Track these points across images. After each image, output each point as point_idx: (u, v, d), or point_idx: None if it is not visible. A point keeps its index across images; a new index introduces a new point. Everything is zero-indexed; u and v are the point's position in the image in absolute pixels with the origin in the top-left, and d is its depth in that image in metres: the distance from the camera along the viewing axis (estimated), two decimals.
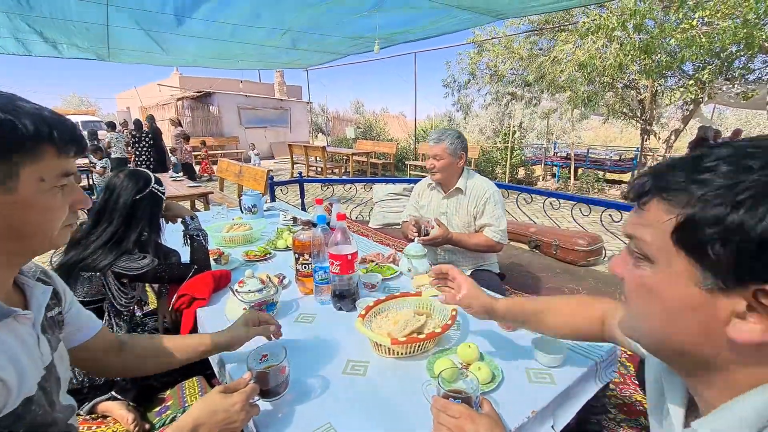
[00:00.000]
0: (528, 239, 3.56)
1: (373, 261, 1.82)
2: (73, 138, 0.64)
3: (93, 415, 1.31)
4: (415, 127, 11.70)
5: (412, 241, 1.82)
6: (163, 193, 1.56)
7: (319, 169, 10.34)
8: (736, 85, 7.11)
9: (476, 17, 4.58)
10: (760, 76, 7.10)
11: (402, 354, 1.09)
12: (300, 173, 4.86)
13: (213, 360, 1.25)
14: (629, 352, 1.91)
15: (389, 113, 23.85)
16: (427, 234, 1.88)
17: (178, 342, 1.05)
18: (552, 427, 0.95)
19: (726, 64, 6.77)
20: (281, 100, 17.03)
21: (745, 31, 4.82)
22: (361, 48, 6.06)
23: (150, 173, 1.54)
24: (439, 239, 1.89)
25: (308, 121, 17.21)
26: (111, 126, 8.65)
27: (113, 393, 1.33)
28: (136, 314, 1.69)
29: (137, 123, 8.08)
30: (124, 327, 1.48)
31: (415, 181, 2.53)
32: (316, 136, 19.78)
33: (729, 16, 5.09)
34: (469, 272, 2.13)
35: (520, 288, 2.70)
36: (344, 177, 9.54)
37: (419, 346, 1.09)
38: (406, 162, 10.64)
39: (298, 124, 17.15)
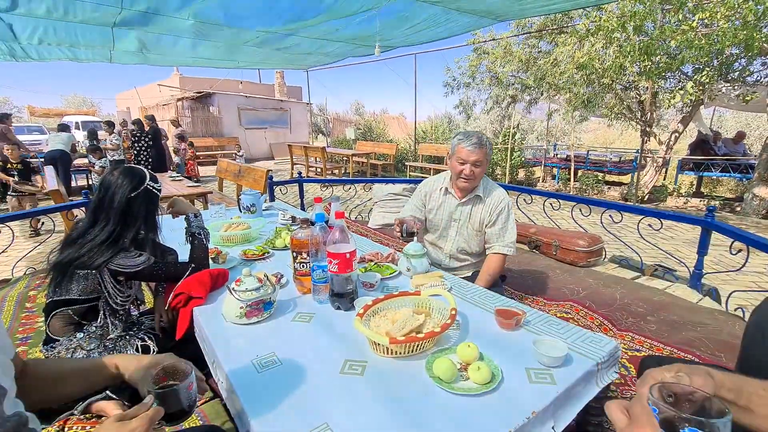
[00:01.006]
0: (528, 240, 3.54)
1: (372, 260, 1.80)
2: None
3: (87, 415, 1.29)
4: (415, 128, 11.69)
5: (409, 240, 1.80)
6: (159, 190, 1.55)
7: (319, 169, 10.33)
8: (735, 87, 7.11)
9: (476, 20, 4.58)
10: (759, 78, 7.09)
11: (400, 353, 1.07)
12: (299, 173, 4.85)
13: (209, 360, 1.23)
14: (630, 353, 1.90)
15: (389, 114, 23.89)
16: (411, 234, 1.77)
17: (78, 365, 0.93)
18: (552, 428, 0.93)
19: (725, 66, 6.77)
20: (281, 101, 17.03)
21: (744, 32, 4.82)
22: (362, 51, 6.08)
23: (144, 170, 1.52)
24: None
25: (308, 122, 17.21)
26: (110, 125, 8.55)
27: (108, 392, 1.32)
28: (133, 313, 1.68)
29: (138, 122, 8.03)
30: (119, 326, 1.46)
31: (416, 182, 2.50)
32: (316, 137, 19.78)
33: (728, 18, 5.08)
34: (470, 274, 2.12)
35: (520, 289, 2.69)
36: (344, 177, 9.53)
37: (418, 345, 1.07)
38: (406, 163, 10.64)
39: (298, 125, 17.15)
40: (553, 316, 1.33)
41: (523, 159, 10.65)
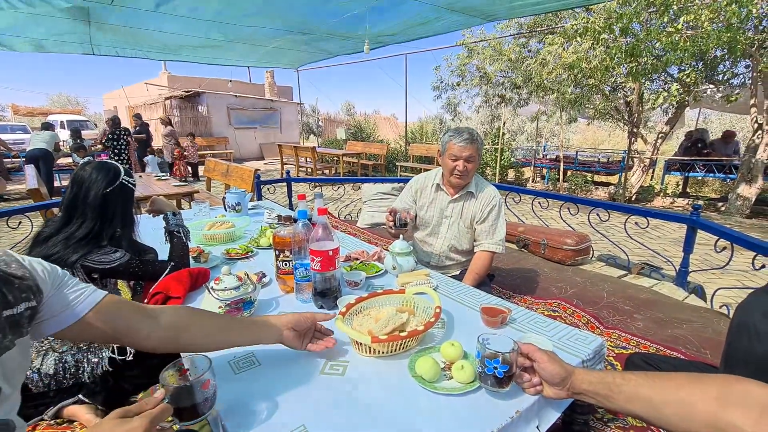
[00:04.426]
0: (516, 239, 3.55)
1: (357, 259, 1.77)
2: None
3: (58, 420, 1.24)
4: (406, 128, 11.70)
5: (401, 230, 1.78)
6: (134, 185, 1.51)
7: (309, 170, 10.27)
8: (720, 89, 7.23)
9: (466, 19, 4.59)
10: (743, 80, 7.22)
11: (383, 353, 1.04)
12: (288, 172, 4.80)
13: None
14: (617, 351, 1.90)
15: (381, 115, 23.89)
16: (404, 225, 1.77)
17: (226, 322, 1.00)
18: (537, 427, 0.91)
19: (710, 67, 6.89)
20: (272, 100, 16.91)
21: (728, 35, 4.90)
22: (351, 48, 6.04)
23: (119, 165, 1.48)
24: None
25: (299, 122, 17.12)
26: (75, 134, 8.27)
27: (80, 396, 1.27)
28: None
29: (114, 120, 7.75)
30: None
31: (404, 181, 2.47)
32: (307, 138, 19.69)
33: (713, 21, 5.17)
34: (458, 272, 2.10)
35: (509, 288, 2.68)
36: (333, 177, 9.47)
37: (401, 344, 1.04)
38: (397, 163, 10.62)
39: (289, 125, 17.05)
40: (539, 314, 1.32)
41: (513, 160, 10.71)
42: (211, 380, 0.78)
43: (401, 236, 1.73)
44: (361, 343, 1.04)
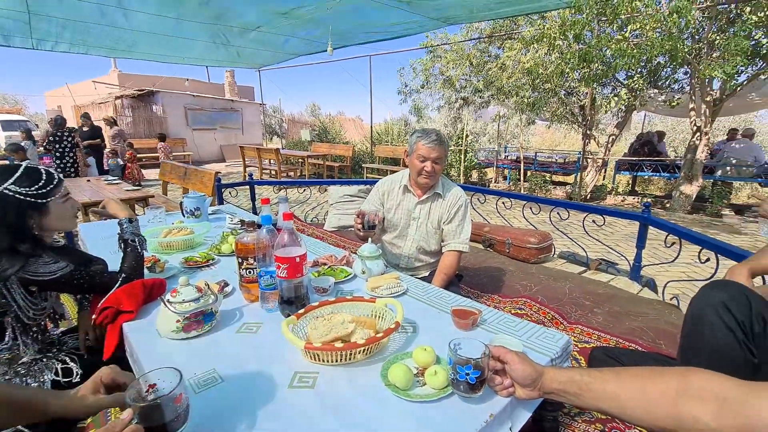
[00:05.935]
0: (482, 239, 3.62)
1: (325, 264, 1.73)
2: None
3: None
4: (371, 130, 11.70)
5: (370, 233, 1.75)
6: (28, 195, 1.22)
7: (273, 172, 10.02)
8: (662, 93, 7.76)
9: (426, 21, 4.66)
10: (682, 85, 7.80)
11: (326, 361, 1.02)
12: (250, 175, 4.64)
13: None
14: (580, 345, 1.97)
15: (346, 116, 23.77)
16: (372, 227, 1.76)
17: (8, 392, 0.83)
18: (510, 429, 0.91)
19: (653, 73, 7.38)
20: (232, 100, 16.38)
21: (670, 43, 5.27)
22: (314, 47, 5.96)
23: (11, 171, 1.23)
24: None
25: (261, 123, 16.69)
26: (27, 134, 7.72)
27: (19, 427, 1.14)
28: (52, 333, 1.48)
29: (57, 120, 7.14)
30: (33, 347, 1.28)
31: (371, 183, 2.44)
32: (270, 139, 19.22)
33: (656, 30, 5.54)
34: (427, 274, 2.10)
35: (476, 287, 2.72)
36: (298, 179, 9.30)
37: (345, 354, 1.01)
38: (363, 165, 10.59)
39: (251, 126, 16.58)
40: (508, 314, 1.33)
41: (475, 161, 10.97)
42: (183, 394, 0.73)
43: (370, 239, 1.70)
44: (304, 350, 1.02)
